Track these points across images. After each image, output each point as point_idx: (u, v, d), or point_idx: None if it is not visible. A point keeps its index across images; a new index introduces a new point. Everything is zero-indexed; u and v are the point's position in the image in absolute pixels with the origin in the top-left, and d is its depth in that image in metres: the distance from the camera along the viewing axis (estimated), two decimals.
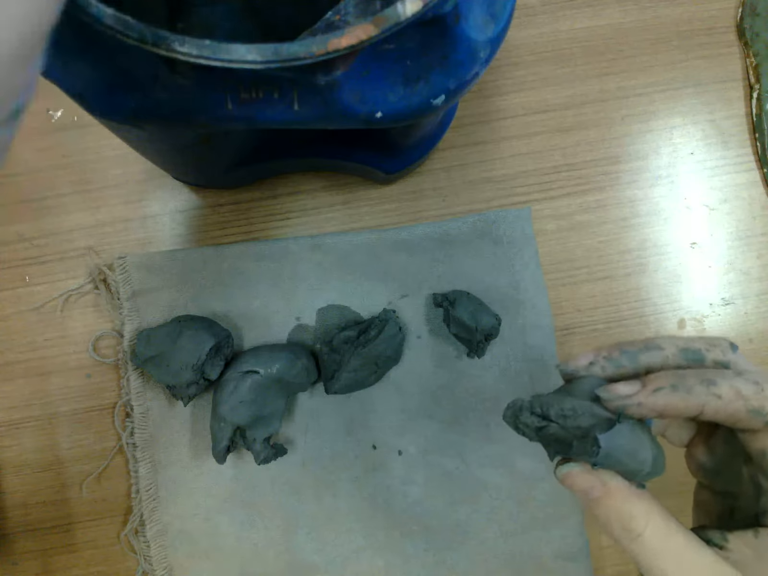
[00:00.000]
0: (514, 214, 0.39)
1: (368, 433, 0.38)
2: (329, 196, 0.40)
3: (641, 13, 0.43)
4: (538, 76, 0.42)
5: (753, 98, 0.41)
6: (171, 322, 0.36)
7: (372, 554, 0.37)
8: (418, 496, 0.38)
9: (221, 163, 0.34)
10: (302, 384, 0.36)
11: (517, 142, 0.41)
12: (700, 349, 0.22)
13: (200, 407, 0.38)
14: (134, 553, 0.37)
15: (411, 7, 0.19)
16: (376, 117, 0.24)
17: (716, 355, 0.22)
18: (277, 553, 0.37)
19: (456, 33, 0.23)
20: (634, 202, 0.41)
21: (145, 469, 0.37)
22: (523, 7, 0.42)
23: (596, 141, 0.41)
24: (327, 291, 0.39)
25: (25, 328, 0.39)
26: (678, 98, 0.42)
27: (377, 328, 0.36)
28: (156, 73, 0.22)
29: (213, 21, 0.37)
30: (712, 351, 0.22)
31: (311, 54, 0.19)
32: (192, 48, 0.18)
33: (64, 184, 0.40)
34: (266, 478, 0.37)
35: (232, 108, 0.23)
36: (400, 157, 0.37)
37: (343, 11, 0.23)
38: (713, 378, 0.20)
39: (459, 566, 0.37)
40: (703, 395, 0.20)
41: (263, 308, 0.38)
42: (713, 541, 0.20)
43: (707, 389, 0.20)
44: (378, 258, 0.39)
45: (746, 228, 0.41)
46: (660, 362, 0.22)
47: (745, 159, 0.41)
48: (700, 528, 0.22)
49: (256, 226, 0.40)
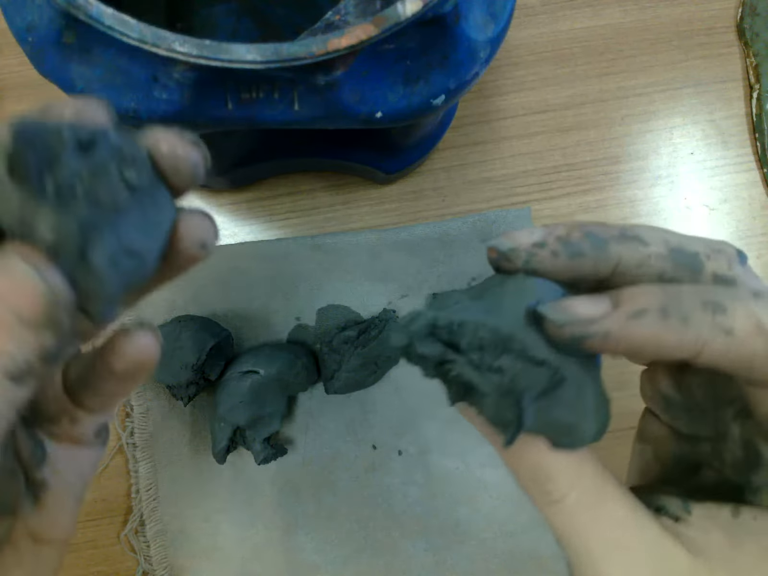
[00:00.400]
0: (514, 214, 0.39)
1: (368, 433, 0.38)
2: (329, 196, 0.40)
3: (641, 13, 0.43)
4: (538, 76, 0.42)
5: (753, 98, 0.41)
6: (171, 322, 0.36)
7: (372, 554, 0.37)
8: (418, 496, 0.38)
9: (221, 163, 0.34)
10: (302, 384, 0.36)
11: (517, 142, 0.41)
12: (698, 253, 0.15)
13: (200, 407, 0.38)
14: (134, 553, 0.37)
15: (411, 7, 0.19)
16: (376, 117, 0.24)
17: (719, 265, 0.15)
18: (277, 553, 0.37)
19: (456, 33, 0.23)
20: (634, 202, 0.41)
21: (145, 469, 0.37)
22: (523, 7, 0.42)
23: (596, 141, 0.41)
24: (327, 291, 0.39)
25: None
26: (678, 98, 0.42)
27: (377, 328, 0.36)
28: (156, 73, 0.22)
29: (213, 21, 0.37)
30: (714, 259, 0.15)
31: (311, 54, 0.19)
32: (192, 48, 0.18)
33: None
34: (266, 478, 0.37)
35: (232, 108, 0.23)
36: (400, 157, 0.37)
37: (343, 11, 0.23)
38: (721, 301, 0.13)
39: (459, 566, 0.37)
40: (706, 328, 0.13)
41: (263, 308, 0.38)
42: (668, 509, 0.15)
43: (712, 318, 0.13)
44: (378, 258, 0.39)
45: (746, 228, 0.41)
46: (638, 261, 0.15)
47: (745, 159, 0.41)
48: (649, 490, 0.16)
49: (256, 226, 0.40)
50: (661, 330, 0.13)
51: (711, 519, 0.15)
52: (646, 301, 0.13)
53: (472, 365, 0.14)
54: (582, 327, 0.13)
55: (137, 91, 0.22)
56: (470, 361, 0.14)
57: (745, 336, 0.13)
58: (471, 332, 0.14)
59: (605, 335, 0.13)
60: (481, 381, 0.14)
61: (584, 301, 0.14)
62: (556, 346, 0.14)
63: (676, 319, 0.13)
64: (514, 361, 0.14)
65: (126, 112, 0.23)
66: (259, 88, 0.23)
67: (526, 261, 0.15)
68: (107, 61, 0.22)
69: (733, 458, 0.16)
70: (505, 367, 0.14)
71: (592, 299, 0.14)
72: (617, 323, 0.13)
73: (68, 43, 0.21)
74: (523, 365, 0.14)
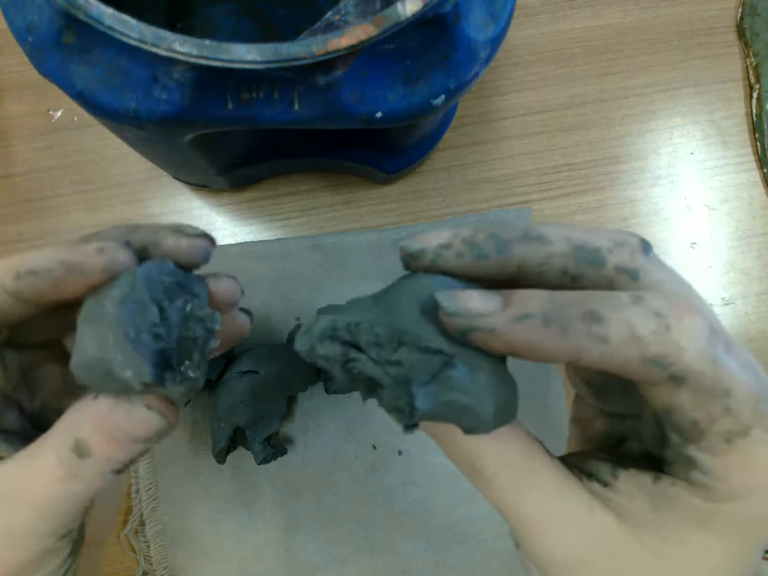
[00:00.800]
0: (514, 214, 0.39)
1: (368, 433, 0.38)
2: (329, 196, 0.40)
3: (641, 13, 0.43)
4: (538, 76, 0.42)
5: (753, 98, 0.41)
6: None
7: (372, 554, 0.37)
8: (418, 496, 0.38)
9: (221, 163, 0.34)
10: (302, 384, 0.36)
11: (517, 142, 0.41)
12: (600, 248, 0.15)
13: (200, 407, 0.38)
14: (134, 553, 0.37)
15: (411, 7, 0.19)
16: (376, 117, 0.24)
17: (621, 258, 0.15)
18: (277, 553, 0.37)
19: (456, 33, 0.23)
20: (634, 202, 0.41)
21: (145, 469, 0.37)
22: (523, 7, 0.42)
23: (596, 141, 0.41)
24: (327, 291, 0.39)
25: None
26: (678, 98, 0.42)
27: None
28: (156, 73, 0.22)
29: (213, 21, 0.37)
30: (616, 252, 0.15)
31: (311, 54, 0.19)
32: (192, 48, 0.18)
33: (64, 184, 0.40)
34: (266, 478, 0.37)
35: (232, 108, 0.23)
36: (400, 157, 0.37)
37: (343, 11, 0.23)
38: (599, 310, 0.14)
39: (459, 566, 0.37)
40: (583, 337, 0.13)
41: (263, 308, 0.38)
42: (598, 474, 0.16)
43: (590, 328, 0.13)
44: (378, 258, 0.39)
45: (746, 228, 0.41)
46: (541, 260, 0.15)
47: (745, 159, 0.41)
48: (580, 455, 0.17)
49: (256, 226, 0.40)
50: (541, 336, 0.13)
51: (635, 485, 0.15)
52: (532, 306, 0.14)
53: (372, 361, 0.15)
54: (470, 320, 0.14)
55: (137, 91, 0.22)
56: (370, 357, 0.15)
57: (619, 344, 0.13)
58: (367, 330, 0.15)
59: (490, 331, 0.14)
60: (381, 374, 0.15)
61: (477, 296, 0.14)
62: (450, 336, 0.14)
63: (556, 328, 0.13)
64: (411, 353, 0.14)
65: (126, 112, 0.23)
66: (259, 88, 0.23)
67: (432, 261, 0.16)
68: (107, 61, 0.22)
69: (649, 434, 0.17)
70: (403, 360, 0.14)
71: (486, 295, 0.14)
72: (502, 322, 0.14)
73: (68, 43, 0.21)
74: (419, 356, 0.14)
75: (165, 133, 0.26)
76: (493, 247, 0.15)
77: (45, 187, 0.40)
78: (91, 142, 0.40)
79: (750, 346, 0.40)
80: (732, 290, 0.41)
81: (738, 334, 0.40)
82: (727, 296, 0.40)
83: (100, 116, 0.24)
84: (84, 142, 0.40)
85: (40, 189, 0.40)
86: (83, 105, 0.23)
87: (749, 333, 0.40)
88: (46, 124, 0.40)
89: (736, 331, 0.40)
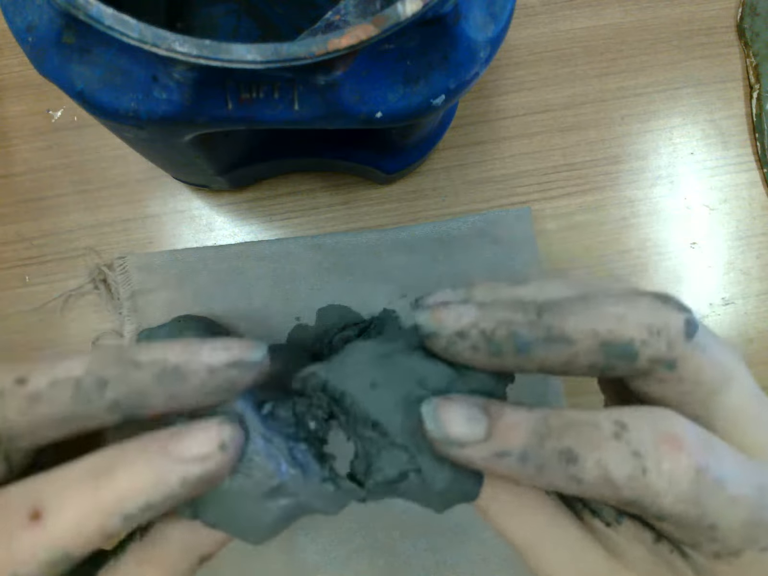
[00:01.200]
0: (513, 214, 0.39)
1: None
2: (329, 196, 0.40)
3: (641, 13, 0.43)
4: (538, 76, 0.42)
5: (753, 98, 0.41)
6: (171, 322, 0.36)
7: (372, 554, 0.37)
8: None
9: (221, 163, 0.34)
10: None
11: (517, 142, 0.41)
12: (632, 341, 0.14)
13: None
14: None
15: (411, 7, 0.19)
16: (376, 117, 0.24)
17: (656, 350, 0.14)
18: (277, 553, 0.37)
19: (456, 33, 0.23)
20: (634, 202, 0.41)
21: None
22: (523, 7, 0.42)
23: (596, 141, 0.41)
24: (327, 291, 0.39)
25: (25, 328, 0.39)
26: (678, 98, 0.42)
27: (377, 328, 0.36)
28: (156, 73, 0.22)
29: (213, 21, 0.37)
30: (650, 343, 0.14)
31: (311, 54, 0.19)
32: (192, 48, 0.18)
33: (64, 184, 0.40)
34: None
35: (232, 108, 0.23)
36: (400, 157, 0.37)
37: (343, 11, 0.23)
38: (574, 448, 0.13)
39: (459, 566, 0.37)
40: (557, 476, 0.14)
41: (263, 308, 0.38)
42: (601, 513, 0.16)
43: (565, 468, 0.13)
44: (378, 258, 0.39)
45: (746, 228, 0.41)
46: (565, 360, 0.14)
47: (745, 159, 0.41)
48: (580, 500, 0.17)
49: (256, 226, 0.40)
50: (517, 472, 0.14)
51: (636, 535, 0.16)
52: (514, 440, 0.14)
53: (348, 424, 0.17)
54: (458, 449, 0.14)
55: (137, 91, 0.22)
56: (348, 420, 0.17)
57: (592, 486, 0.14)
58: (348, 404, 0.16)
59: (468, 461, 0.14)
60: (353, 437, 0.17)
61: (462, 418, 0.14)
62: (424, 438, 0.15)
63: (532, 466, 0.14)
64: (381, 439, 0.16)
65: (126, 112, 0.23)
66: (259, 88, 0.23)
67: (445, 349, 0.15)
68: (107, 61, 0.22)
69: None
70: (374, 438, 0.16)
71: (471, 416, 0.14)
72: (481, 457, 0.14)
73: (68, 43, 0.21)
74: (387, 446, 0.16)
75: (165, 133, 0.26)
76: (512, 348, 0.14)
77: (45, 187, 0.40)
78: (91, 142, 0.40)
79: (750, 346, 0.40)
80: (732, 290, 0.41)
81: (738, 334, 0.40)
82: (727, 296, 0.40)
83: (99, 116, 0.24)
84: (84, 142, 0.40)
85: (39, 189, 0.40)
86: (83, 105, 0.23)
87: (749, 333, 0.40)
88: (46, 124, 0.40)
89: (736, 331, 0.40)
